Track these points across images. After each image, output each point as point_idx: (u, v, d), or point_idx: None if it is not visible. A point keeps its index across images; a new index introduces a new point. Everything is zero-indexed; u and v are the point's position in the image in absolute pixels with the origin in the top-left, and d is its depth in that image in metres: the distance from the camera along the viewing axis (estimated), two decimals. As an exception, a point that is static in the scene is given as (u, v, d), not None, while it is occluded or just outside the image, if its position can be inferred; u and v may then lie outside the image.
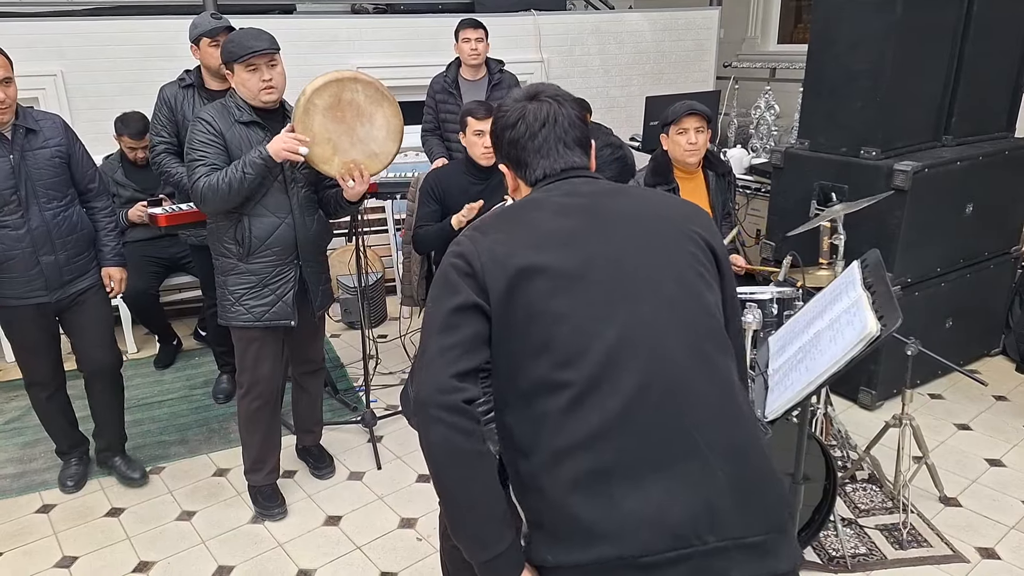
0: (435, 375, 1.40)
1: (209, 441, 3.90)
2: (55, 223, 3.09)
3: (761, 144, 5.90)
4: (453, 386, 1.38)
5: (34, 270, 3.07)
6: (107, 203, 3.34)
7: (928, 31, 3.76)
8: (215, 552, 3.09)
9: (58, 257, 3.11)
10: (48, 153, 3.07)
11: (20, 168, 2.99)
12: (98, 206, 3.30)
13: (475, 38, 4.58)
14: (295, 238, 3.02)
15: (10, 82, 2.93)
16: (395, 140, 3.07)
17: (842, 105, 3.85)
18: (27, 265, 3.06)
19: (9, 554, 3.11)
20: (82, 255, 3.22)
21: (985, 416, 3.95)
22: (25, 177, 3.00)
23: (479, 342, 1.43)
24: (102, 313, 3.37)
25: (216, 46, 3.52)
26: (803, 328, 2.23)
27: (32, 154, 3.03)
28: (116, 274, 3.33)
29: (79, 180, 3.21)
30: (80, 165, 3.20)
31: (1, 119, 2.93)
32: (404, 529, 3.20)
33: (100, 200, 3.31)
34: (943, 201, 3.90)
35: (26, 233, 3.03)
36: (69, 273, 3.17)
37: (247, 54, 2.82)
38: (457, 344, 1.41)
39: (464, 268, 1.46)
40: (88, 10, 5.40)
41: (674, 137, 3.32)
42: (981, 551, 2.99)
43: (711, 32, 6.79)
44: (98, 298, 3.32)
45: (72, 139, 3.19)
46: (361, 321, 3.88)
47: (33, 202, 3.03)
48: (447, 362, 1.40)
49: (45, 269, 3.09)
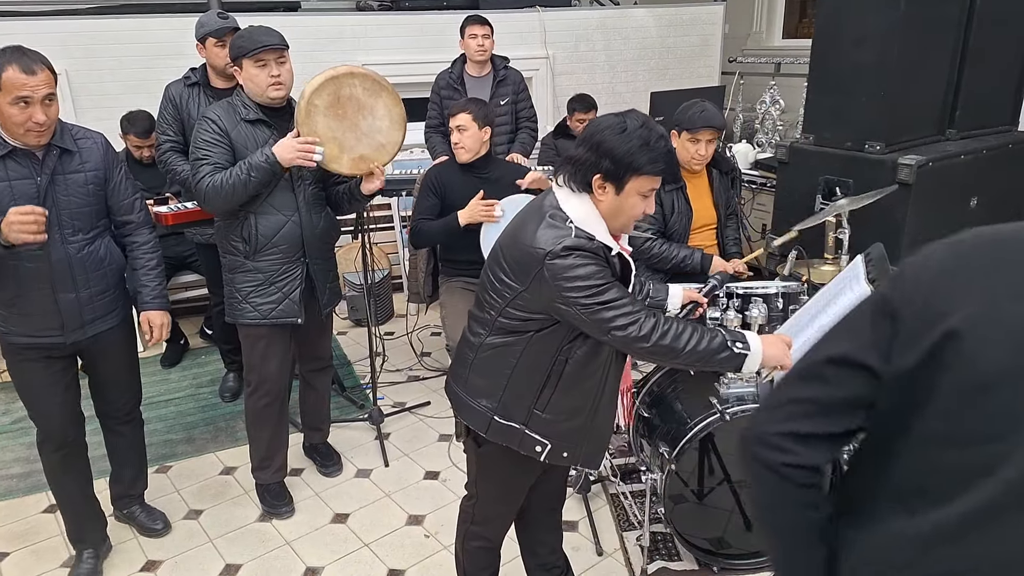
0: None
1: (216, 439, 3.91)
2: (79, 258, 2.61)
3: (766, 139, 5.90)
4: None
5: (50, 308, 2.60)
6: (150, 237, 2.85)
7: (932, 25, 3.75)
8: (222, 550, 3.10)
9: (80, 295, 2.64)
10: (82, 179, 2.59)
11: (48, 193, 2.51)
12: (139, 240, 2.81)
13: (481, 34, 4.58)
14: (302, 236, 3.03)
15: (53, 99, 2.43)
16: (399, 128, 3.07)
17: (846, 100, 3.84)
18: (44, 302, 2.59)
19: (16, 554, 3.12)
20: (107, 292, 2.74)
21: (992, 410, 3.94)
22: (52, 204, 2.52)
23: None
24: (126, 359, 2.96)
25: (222, 46, 3.53)
26: (808, 323, 2.23)
27: (63, 178, 2.55)
28: (158, 319, 2.86)
29: (116, 210, 2.73)
30: (118, 193, 2.72)
31: (39, 141, 2.45)
32: (412, 526, 3.21)
33: (142, 234, 2.82)
34: (948, 195, 3.88)
35: (45, 267, 2.55)
36: (91, 313, 2.69)
37: (257, 48, 2.83)
38: None
39: None
40: (93, 9, 5.42)
41: (685, 142, 3.31)
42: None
43: (716, 27, 6.77)
44: (123, 342, 2.90)
45: (112, 162, 2.71)
46: (368, 318, 3.89)
47: (56, 232, 2.53)
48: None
49: (63, 308, 2.61)
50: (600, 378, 2.08)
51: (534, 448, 2.08)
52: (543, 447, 2.07)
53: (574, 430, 2.09)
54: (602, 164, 1.89)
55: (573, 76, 6.26)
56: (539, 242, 1.90)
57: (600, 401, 2.10)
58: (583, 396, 2.07)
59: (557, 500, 2.48)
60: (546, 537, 2.49)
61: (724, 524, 2.82)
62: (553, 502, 2.46)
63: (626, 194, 1.90)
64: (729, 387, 2.73)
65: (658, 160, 1.89)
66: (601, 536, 3.06)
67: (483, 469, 2.25)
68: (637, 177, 1.89)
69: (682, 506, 2.80)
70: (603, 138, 1.89)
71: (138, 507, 3.22)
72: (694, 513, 2.82)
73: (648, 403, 3.12)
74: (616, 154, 1.87)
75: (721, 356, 1.91)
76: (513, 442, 2.08)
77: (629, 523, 3.14)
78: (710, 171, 3.50)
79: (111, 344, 2.84)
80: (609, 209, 1.94)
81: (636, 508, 3.18)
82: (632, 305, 1.88)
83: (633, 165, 1.87)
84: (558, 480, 2.42)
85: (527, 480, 2.25)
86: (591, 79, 6.32)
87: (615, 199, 1.91)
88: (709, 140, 3.30)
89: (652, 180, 1.91)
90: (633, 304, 1.89)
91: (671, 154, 1.95)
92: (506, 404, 2.07)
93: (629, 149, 1.86)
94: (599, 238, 1.91)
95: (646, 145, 1.87)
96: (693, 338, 1.90)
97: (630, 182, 1.89)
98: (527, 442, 2.07)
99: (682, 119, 3.32)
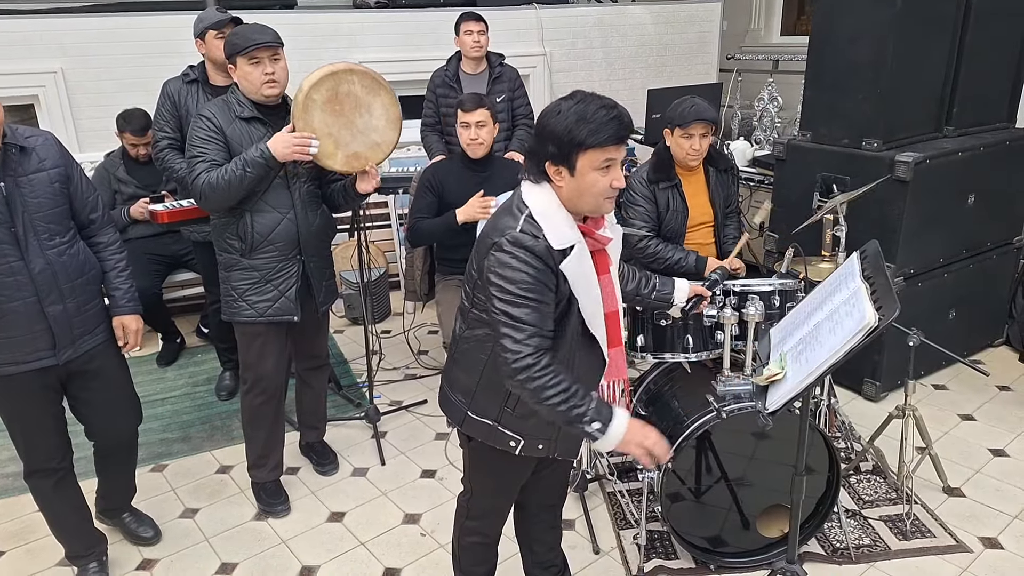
0: None
1: (212, 438, 3.90)
2: (60, 264, 2.46)
3: (764, 136, 5.89)
4: None
5: (39, 326, 2.45)
6: (114, 236, 2.71)
7: (929, 22, 3.75)
8: (218, 549, 3.10)
9: (67, 306, 2.49)
10: (46, 178, 2.44)
11: (14, 197, 2.36)
12: (104, 241, 2.67)
13: (477, 31, 4.57)
14: (297, 233, 3.01)
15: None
16: (395, 128, 3.06)
17: (844, 97, 3.84)
18: (31, 319, 2.43)
19: (12, 553, 3.11)
20: (93, 302, 2.61)
21: (989, 406, 3.94)
22: (21, 209, 2.37)
23: None
24: (120, 377, 2.80)
25: (223, 38, 3.51)
26: (804, 320, 2.23)
27: (27, 180, 2.39)
28: (132, 324, 2.72)
29: (79, 209, 2.58)
30: (80, 191, 2.57)
31: None
32: (408, 525, 3.21)
33: (106, 233, 2.68)
34: (945, 192, 3.88)
35: (27, 280, 2.39)
36: (80, 325, 2.55)
37: (250, 46, 2.82)
38: None
39: None
40: (88, 6, 5.40)
41: (678, 139, 3.30)
42: (984, 541, 2.98)
43: (714, 24, 6.77)
44: (113, 357, 2.74)
45: (69, 159, 2.56)
46: (364, 316, 3.88)
47: (32, 239, 2.39)
48: None
49: (53, 323, 2.46)
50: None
51: (508, 443, 2.07)
52: (516, 442, 2.07)
53: (546, 424, 2.06)
54: (548, 150, 1.87)
55: (570, 73, 6.26)
56: (493, 232, 1.91)
57: None
58: None
59: (557, 497, 2.46)
60: (544, 535, 2.48)
61: (721, 522, 2.82)
62: (552, 499, 2.45)
63: (580, 173, 1.86)
64: (726, 385, 2.73)
65: (599, 130, 1.83)
66: (598, 534, 3.05)
67: (473, 463, 2.25)
68: (583, 152, 1.84)
69: (679, 504, 2.80)
70: (543, 124, 1.89)
71: (128, 514, 3.13)
72: (691, 511, 2.81)
73: (645, 401, 3.12)
74: (556, 135, 1.85)
75: (574, 428, 1.88)
76: (488, 437, 2.08)
77: (626, 521, 3.14)
78: (707, 168, 3.49)
79: (105, 361, 2.70)
80: (570, 193, 1.90)
81: (633, 506, 3.18)
82: (535, 338, 1.85)
83: (575, 141, 1.83)
84: (557, 477, 2.40)
85: (519, 475, 2.24)
86: (588, 76, 6.31)
87: (572, 181, 1.88)
88: (702, 134, 3.29)
89: (602, 151, 1.85)
90: (537, 337, 1.85)
91: (616, 120, 1.86)
92: (479, 399, 2.07)
93: (567, 127, 1.83)
94: (548, 232, 1.87)
95: (583, 119, 1.83)
96: (559, 398, 1.84)
97: (579, 160, 1.85)
98: (501, 437, 2.07)
99: (673, 116, 3.31)
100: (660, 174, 3.39)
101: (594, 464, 3.34)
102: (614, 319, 2.08)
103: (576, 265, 1.91)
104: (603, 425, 1.86)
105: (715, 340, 2.94)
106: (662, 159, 3.42)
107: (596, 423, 1.86)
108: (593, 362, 2.09)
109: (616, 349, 2.13)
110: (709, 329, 2.94)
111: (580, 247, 1.92)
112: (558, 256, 1.88)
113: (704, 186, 3.49)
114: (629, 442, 1.90)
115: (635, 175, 3.47)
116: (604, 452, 1.90)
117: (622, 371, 2.18)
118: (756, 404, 2.23)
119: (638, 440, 1.91)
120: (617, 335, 2.11)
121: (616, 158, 1.88)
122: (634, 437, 1.91)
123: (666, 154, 3.41)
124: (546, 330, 1.89)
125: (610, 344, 2.08)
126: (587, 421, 1.86)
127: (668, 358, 2.99)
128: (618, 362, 2.15)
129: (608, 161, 1.86)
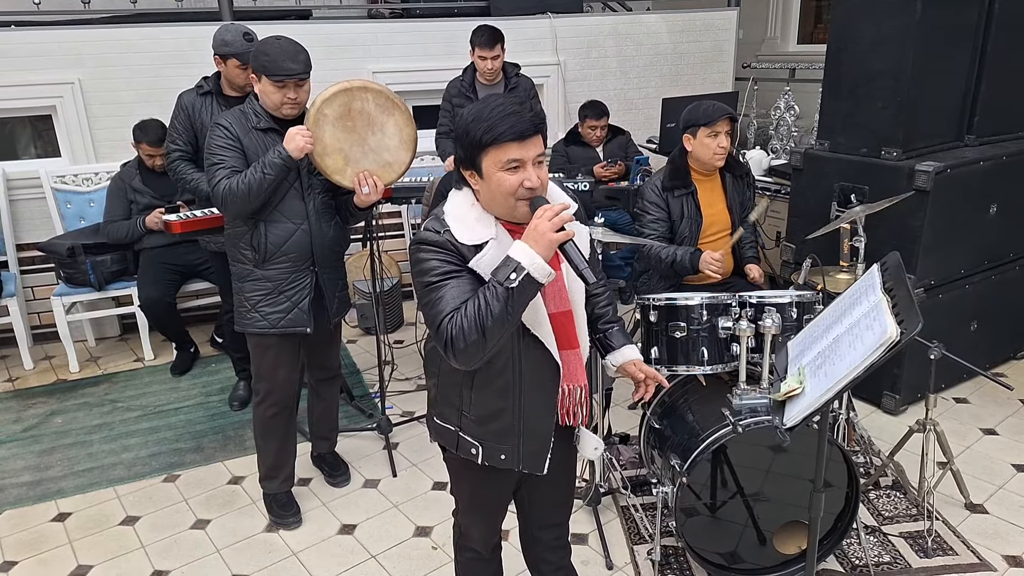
0: None
1: (224, 448, 3.89)
2: None
3: (781, 145, 5.84)
4: None
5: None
6: None
7: (949, 30, 3.70)
8: (229, 561, 3.08)
9: None
10: None
11: None
12: None
13: (491, 56, 4.56)
14: (311, 244, 3.01)
15: None
16: (408, 149, 3.05)
17: (862, 105, 3.79)
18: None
19: (25, 563, 3.11)
20: None
21: (1011, 420, 3.87)
22: None
23: None
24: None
25: (245, 69, 3.51)
26: (822, 333, 2.18)
27: None
28: None
29: None
30: None
31: None
32: (419, 537, 3.18)
33: None
34: (966, 202, 3.82)
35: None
36: None
37: (280, 75, 2.82)
38: None
39: None
40: (106, 18, 5.44)
41: (703, 139, 3.26)
42: (1009, 559, 2.92)
43: (730, 33, 6.73)
44: None
45: None
46: (376, 326, 3.86)
47: None
48: None
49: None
50: (512, 377, 1.97)
51: (469, 451, 2.03)
52: (476, 449, 2.02)
53: (504, 431, 2.00)
54: (458, 156, 1.88)
55: (585, 83, 6.23)
56: None
57: (522, 400, 1.99)
58: (500, 396, 1.98)
59: (559, 515, 2.35)
60: (549, 556, 2.39)
61: (737, 538, 2.77)
62: (553, 518, 2.33)
63: (487, 174, 1.84)
64: (742, 398, 2.68)
65: (494, 127, 1.78)
66: (611, 549, 3.01)
67: (451, 475, 2.22)
68: (484, 152, 1.81)
69: (694, 519, 2.75)
70: (455, 134, 1.90)
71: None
72: (706, 527, 2.77)
73: (659, 414, 3.08)
74: (459, 138, 1.85)
75: (514, 303, 1.74)
76: (451, 444, 2.05)
77: (640, 536, 3.10)
78: (723, 174, 3.46)
79: None
80: (487, 196, 1.87)
81: (647, 521, 3.13)
82: (455, 310, 1.78)
83: (473, 143, 1.81)
84: (552, 498, 2.29)
85: (494, 489, 2.17)
86: (603, 85, 6.28)
87: (483, 184, 1.86)
88: (727, 132, 3.27)
89: (503, 149, 1.79)
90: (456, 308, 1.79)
91: (514, 116, 1.80)
92: (440, 404, 2.06)
93: (465, 130, 1.83)
94: (455, 229, 1.85)
95: (477, 119, 1.81)
96: (480, 313, 1.74)
97: (483, 161, 1.82)
98: (463, 444, 2.03)
99: (695, 117, 3.28)
100: (676, 181, 3.36)
101: (607, 478, 3.31)
102: (563, 319, 1.99)
103: (489, 262, 1.84)
104: (513, 272, 1.73)
105: (731, 352, 2.89)
106: (678, 166, 3.39)
107: (512, 275, 1.72)
108: (544, 365, 1.99)
109: (570, 352, 2.02)
110: (725, 341, 2.90)
111: (498, 244, 1.86)
112: (468, 251, 1.85)
113: (721, 193, 3.45)
114: (537, 240, 1.74)
115: (648, 183, 3.44)
116: (543, 280, 1.72)
117: (579, 376, 2.07)
118: (773, 419, 2.18)
119: (541, 231, 1.74)
120: (570, 337, 2.02)
121: (522, 157, 1.81)
122: (532, 234, 1.75)
123: (682, 161, 3.38)
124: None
125: (561, 346, 1.99)
126: (504, 287, 1.73)
127: (683, 370, 2.95)
128: (573, 366, 2.05)
129: (514, 161, 1.80)
